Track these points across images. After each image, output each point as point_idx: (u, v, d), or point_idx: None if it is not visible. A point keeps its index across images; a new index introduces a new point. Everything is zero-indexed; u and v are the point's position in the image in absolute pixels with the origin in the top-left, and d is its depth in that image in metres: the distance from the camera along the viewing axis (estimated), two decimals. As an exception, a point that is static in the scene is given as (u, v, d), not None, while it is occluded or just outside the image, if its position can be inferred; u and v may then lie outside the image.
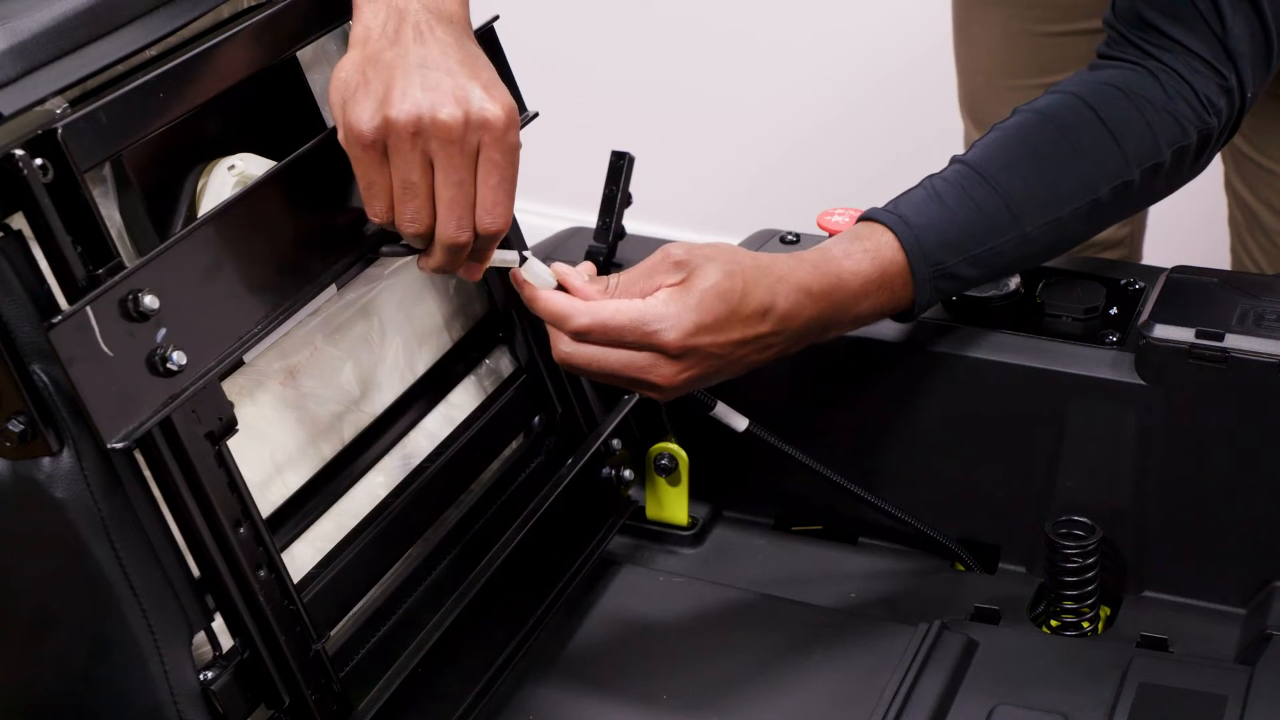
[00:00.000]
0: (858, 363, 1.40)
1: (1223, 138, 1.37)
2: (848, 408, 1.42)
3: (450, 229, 1.13)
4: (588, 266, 1.23)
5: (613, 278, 1.22)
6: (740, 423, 1.35)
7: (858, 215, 1.43)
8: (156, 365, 1.04)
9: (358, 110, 1.11)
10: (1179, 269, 1.41)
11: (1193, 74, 1.33)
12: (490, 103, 1.12)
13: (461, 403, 1.35)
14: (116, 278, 1.02)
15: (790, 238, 1.49)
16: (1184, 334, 1.31)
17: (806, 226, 1.49)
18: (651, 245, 1.54)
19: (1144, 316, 1.35)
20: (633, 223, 1.48)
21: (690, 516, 1.46)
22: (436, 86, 1.11)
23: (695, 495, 1.46)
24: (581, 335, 1.19)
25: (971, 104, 1.87)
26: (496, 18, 1.33)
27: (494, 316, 1.38)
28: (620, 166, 1.42)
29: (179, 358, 1.04)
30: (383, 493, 1.26)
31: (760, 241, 1.49)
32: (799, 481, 1.41)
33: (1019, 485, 1.39)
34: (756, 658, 1.31)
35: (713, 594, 1.39)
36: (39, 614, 1.08)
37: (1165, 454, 1.34)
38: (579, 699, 1.29)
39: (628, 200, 1.44)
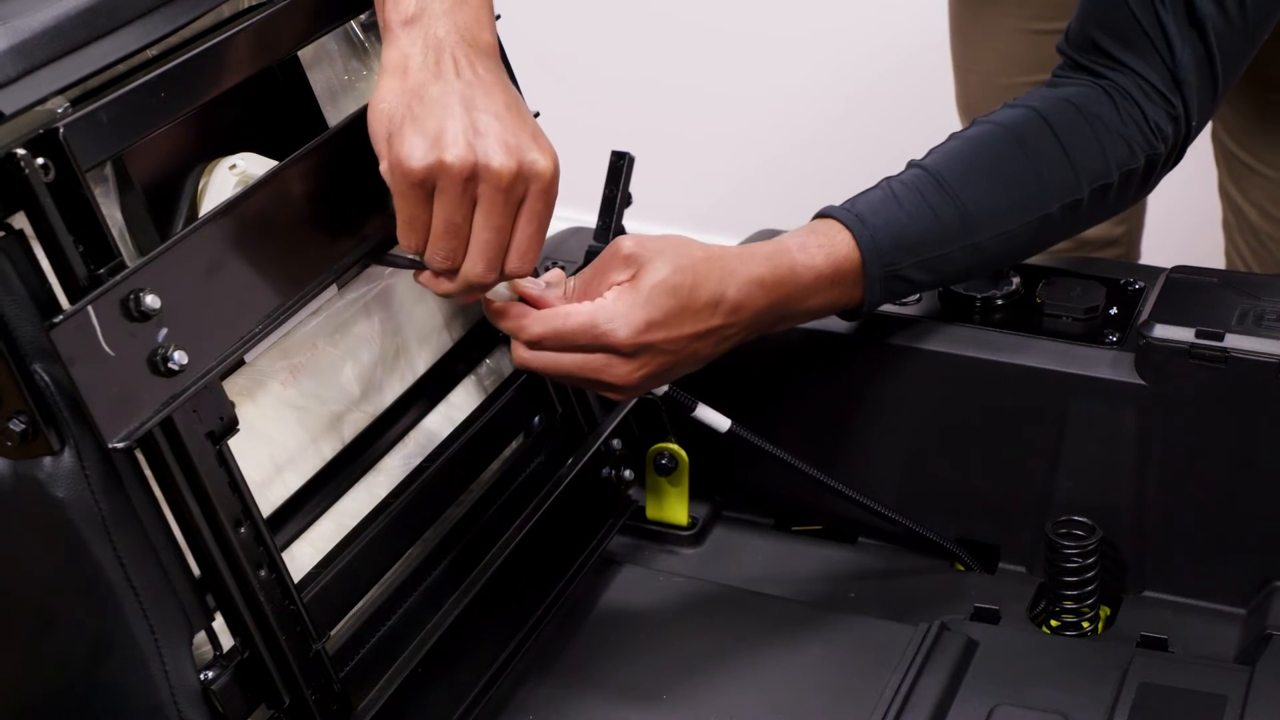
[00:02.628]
0: (857, 363, 1.40)
1: (1167, 165, 1.38)
2: (847, 408, 1.42)
3: (479, 269, 1.14)
4: (553, 274, 1.24)
5: (570, 281, 1.22)
6: (723, 423, 1.35)
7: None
8: (158, 365, 1.04)
9: (408, 148, 1.11)
10: (1179, 269, 1.41)
11: (1144, 98, 1.34)
12: (541, 155, 1.13)
13: (461, 403, 1.35)
14: (118, 277, 1.02)
15: (790, 238, 1.48)
16: (1184, 334, 1.31)
17: (806, 226, 1.49)
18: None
19: (1144, 316, 1.35)
20: (633, 223, 1.48)
21: (690, 516, 1.46)
22: (488, 132, 1.12)
23: (695, 495, 1.46)
24: (536, 343, 1.20)
25: (968, 103, 1.87)
26: (497, 17, 1.33)
27: None
28: (620, 166, 1.42)
29: (180, 357, 1.04)
30: (383, 492, 1.26)
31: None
32: (799, 481, 1.41)
33: (1019, 485, 1.39)
34: (756, 657, 1.31)
35: (713, 594, 1.39)
36: (39, 614, 1.08)
37: (1165, 454, 1.34)
38: (579, 699, 1.29)
39: (628, 200, 1.44)
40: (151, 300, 1.03)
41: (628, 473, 1.43)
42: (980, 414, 1.39)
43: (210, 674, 1.09)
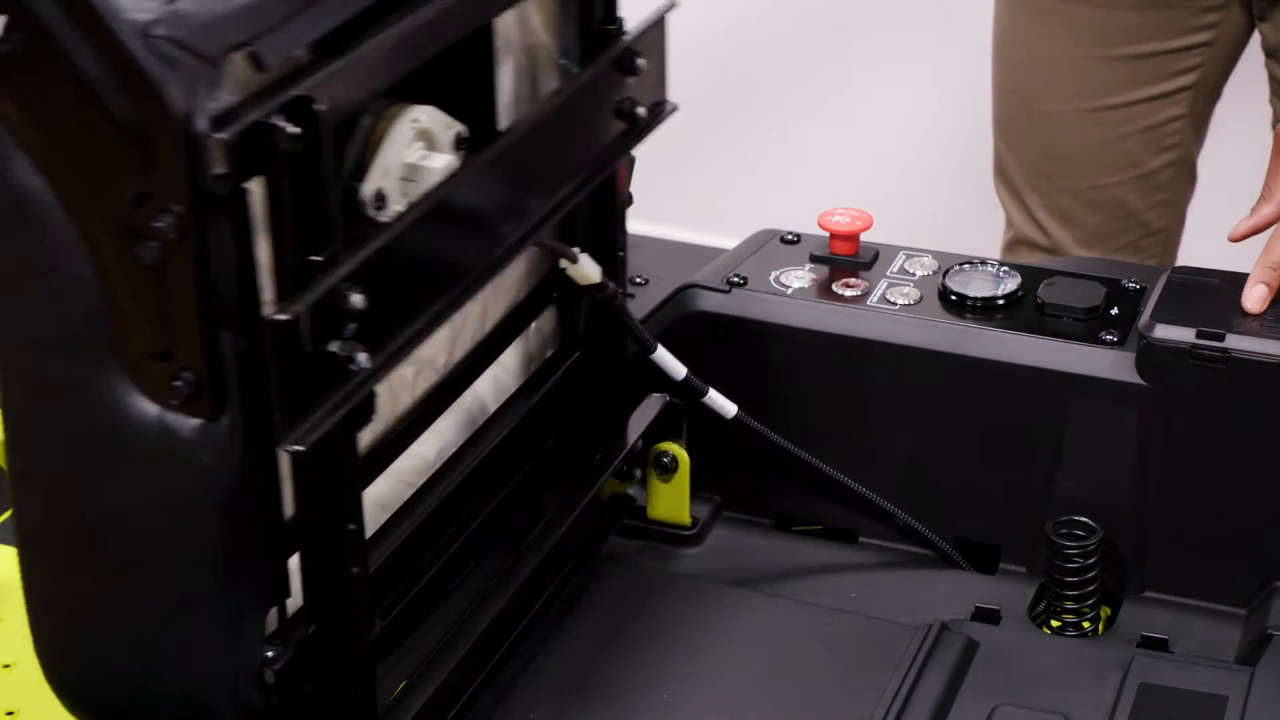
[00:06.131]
0: (858, 363, 1.40)
1: None
2: (847, 407, 1.42)
3: None
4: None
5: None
6: (730, 409, 1.35)
7: (858, 215, 1.43)
8: (343, 365, 0.99)
9: None
10: (1179, 269, 1.41)
11: None
12: None
13: (510, 364, 1.32)
14: (334, 276, 0.98)
15: (790, 238, 1.49)
16: (1184, 334, 1.32)
17: (807, 226, 1.49)
18: (652, 245, 1.53)
19: (1144, 316, 1.35)
20: (633, 223, 1.48)
21: (690, 516, 1.46)
22: None
23: (695, 495, 1.46)
24: None
25: (1005, 128, 1.84)
26: (496, 17, 1.32)
27: (552, 279, 1.35)
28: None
29: (362, 359, 0.99)
30: (431, 455, 1.23)
31: (760, 242, 1.49)
32: (799, 481, 1.41)
33: (1019, 485, 1.39)
34: (757, 657, 1.31)
35: (713, 594, 1.38)
36: (132, 552, 1.04)
37: (1165, 454, 1.35)
38: (579, 699, 1.28)
39: (628, 200, 1.44)
40: (357, 299, 0.98)
41: (628, 472, 1.43)
42: (980, 413, 1.39)
43: (272, 652, 1.06)
